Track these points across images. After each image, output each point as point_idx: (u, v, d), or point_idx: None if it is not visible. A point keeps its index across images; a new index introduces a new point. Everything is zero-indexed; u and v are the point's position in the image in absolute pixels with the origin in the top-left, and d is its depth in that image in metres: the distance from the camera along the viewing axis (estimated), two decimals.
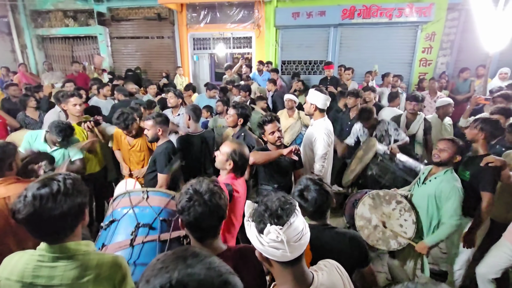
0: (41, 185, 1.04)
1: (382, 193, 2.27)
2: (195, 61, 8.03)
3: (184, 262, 0.63)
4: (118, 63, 8.34)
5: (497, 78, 5.12)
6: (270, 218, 0.92)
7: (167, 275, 0.60)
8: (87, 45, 8.38)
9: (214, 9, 7.13)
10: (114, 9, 7.79)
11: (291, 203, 0.97)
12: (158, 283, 0.59)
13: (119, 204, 1.72)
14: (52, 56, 8.59)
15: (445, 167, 2.17)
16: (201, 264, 0.63)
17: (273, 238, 0.88)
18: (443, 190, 2.09)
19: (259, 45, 7.20)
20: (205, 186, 1.19)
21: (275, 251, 0.89)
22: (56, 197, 1.02)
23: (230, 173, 1.90)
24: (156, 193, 1.76)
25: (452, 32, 6.52)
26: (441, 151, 2.16)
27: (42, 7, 8.01)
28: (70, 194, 1.05)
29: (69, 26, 8.13)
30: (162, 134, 2.53)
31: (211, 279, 0.61)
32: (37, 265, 1.05)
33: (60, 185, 1.04)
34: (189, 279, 0.59)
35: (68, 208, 1.04)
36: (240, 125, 2.74)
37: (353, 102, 3.74)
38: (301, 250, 0.94)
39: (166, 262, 0.63)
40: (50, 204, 1.01)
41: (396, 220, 2.22)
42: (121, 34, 8.07)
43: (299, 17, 6.58)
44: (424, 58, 6.63)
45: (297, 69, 7.22)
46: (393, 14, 6.22)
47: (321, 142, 2.58)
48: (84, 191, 1.12)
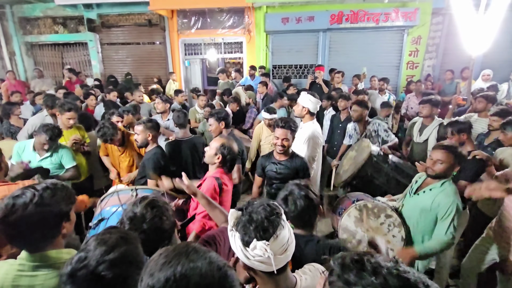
0: (18, 194, 1.05)
1: (370, 205, 2.04)
2: (187, 67, 8.05)
3: (187, 257, 0.66)
4: (109, 70, 8.30)
5: (480, 80, 5.28)
6: (255, 231, 0.88)
7: (171, 269, 0.63)
8: (77, 52, 8.33)
9: (204, 15, 7.19)
10: (104, 16, 7.79)
11: (277, 212, 0.93)
12: (163, 276, 0.63)
13: (108, 203, 1.74)
14: (41, 63, 8.50)
15: (442, 178, 1.90)
16: (202, 258, 0.67)
17: (259, 253, 0.85)
18: (440, 205, 1.84)
19: (250, 50, 7.27)
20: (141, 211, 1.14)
21: (261, 265, 0.87)
22: (27, 206, 1.02)
23: (219, 167, 1.95)
24: (145, 191, 1.77)
25: (437, 35, 6.71)
26: (436, 163, 1.87)
27: (31, 14, 7.96)
28: (45, 204, 1.04)
29: (59, 33, 8.08)
30: (152, 139, 2.52)
31: (212, 272, 0.65)
32: (17, 274, 1.03)
33: (36, 195, 1.04)
34: (192, 272, 0.63)
35: (40, 218, 1.03)
36: (224, 128, 2.75)
37: (344, 105, 3.81)
38: (287, 260, 0.93)
39: (169, 257, 0.67)
40: (20, 212, 1.01)
41: (383, 236, 2.00)
42: (111, 41, 8.06)
43: (289, 22, 6.69)
44: (411, 61, 6.79)
45: (287, 73, 7.31)
46: (380, 19, 6.38)
47: (311, 145, 2.63)
48: (65, 202, 1.11)
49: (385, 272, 0.51)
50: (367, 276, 0.52)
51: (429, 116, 3.26)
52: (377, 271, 0.52)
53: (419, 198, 1.97)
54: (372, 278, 0.51)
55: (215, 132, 2.77)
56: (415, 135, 3.38)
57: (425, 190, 1.96)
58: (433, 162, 1.89)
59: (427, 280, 0.52)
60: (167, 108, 3.68)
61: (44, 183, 1.12)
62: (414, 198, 2.01)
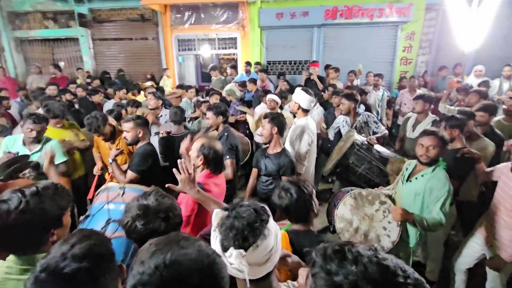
0: (4, 199, 1.02)
1: (364, 192, 2.10)
2: (181, 63, 7.97)
3: (177, 244, 0.68)
4: (102, 66, 8.17)
5: (473, 76, 5.32)
6: (234, 238, 0.84)
7: (161, 256, 0.64)
8: (68, 48, 8.18)
9: (198, 10, 7.10)
10: (95, 10, 7.64)
11: (263, 219, 0.88)
12: (153, 263, 0.63)
13: (98, 199, 1.76)
14: (31, 59, 8.32)
15: (433, 164, 1.98)
16: (193, 246, 0.68)
17: (234, 262, 0.81)
18: (433, 188, 1.93)
19: (245, 46, 7.22)
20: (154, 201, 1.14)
21: (237, 273, 0.82)
22: (10, 214, 1.00)
23: (204, 169, 1.87)
24: (132, 190, 1.76)
25: (430, 31, 6.73)
26: (429, 148, 1.94)
27: (19, 8, 7.77)
28: (31, 211, 1.02)
29: (49, 28, 7.91)
30: (142, 136, 2.47)
31: (202, 258, 0.66)
32: (4, 277, 1.01)
33: (22, 202, 1.02)
34: (182, 258, 0.64)
35: (26, 226, 1.01)
36: (221, 123, 2.73)
37: (338, 101, 3.82)
38: (267, 270, 0.88)
39: (160, 245, 0.68)
40: (3, 220, 0.99)
41: (379, 222, 2.05)
42: (103, 36, 7.92)
43: (283, 17, 6.65)
44: (405, 57, 6.82)
45: (282, 69, 7.28)
46: (374, 14, 6.38)
47: (303, 141, 2.63)
48: (55, 207, 1.08)
49: (365, 260, 0.53)
50: (348, 265, 0.53)
51: (422, 112, 3.29)
52: (357, 260, 0.53)
53: (412, 185, 2.04)
54: (353, 267, 0.52)
55: (212, 125, 2.76)
56: (408, 130, 3.41)
57: (417, 177, 2.03)
58: (425, 148, 1.95)
59: (405, 266, 0.54)
60: (160, 105, 3.64)
61: (35, 186, 1.08)
62: (407, 185, 2.08)
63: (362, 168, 2.67)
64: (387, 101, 5.36)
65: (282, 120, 2.35)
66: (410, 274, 0.52)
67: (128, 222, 1.15)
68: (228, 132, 2.73)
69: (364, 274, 0.51)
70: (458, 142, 2.42)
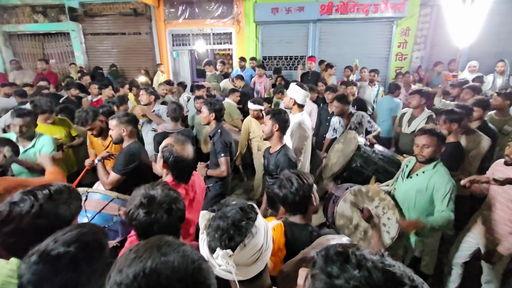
0: (16, 200, 1.00)
1: (364, 189, 2.08)
2: (175, 58, 7.86)
3: (158, 251, 0.63)
4: (94, 61, 8.02)
5: (467, 71, 5.37)
6: (220, 239, 0.82)
7: (140, 264, 0.59)
8: (59, 42, 7.99)
9: (192, 4, 6.99)
10: (87, 4, 7.47)
11: (250, 217, 0.86)
12: (131, 272, 0.58)
13: None
14: (21, 54, 8.12)
15: (432, 161, 1.97)
16: (175, 252, 0.63)
17: (221, 263, 0.79)
18: (436, 185, 1.91)
19: (240, 41, 7.15)
20: (160, 192, 1.14)
21: (226, 274, 0.80)
22: (23, 218, 0.97)
23: (168, 175, 1.63)
24: (95, 195, 1.64)
25: (425, 27, 6.75)
26: (423, 148, 1.93)
27: (7, 2, 7.54)
28: (44, 216, 1.00)
29: (39, 22, 7.71)
30: (128, 134, 2.30)
31: (185, 266, 0.61)
32: (6, 280, 0.98)
33: (34, 205, 0.99)
34: (162, 267, 0.59)
35: (38, 230, 0.98)
36: (214, 120, 2.67)
37: (332, 97, 3.80)
38: (259, 269, 0.86)
39: (140, 252, 0.63)
40: (15, 224, 0.97)
41: None
42: (95, 31, 7.76)
43: (278, 12, 6.59)
44: (400, 52, 6.83)
45: (278, 64, 7.24)
46: (369, 10, 6.37)
47: (298, 137, 2.62)
48: (68, 211, 1.07)
49: (370, 265, 0.49)
50: (351, 269, 0.50)
51: (418, 107, 3.30)
52: (361, 264, 0.50)
53: (413, 181, 2.03)
54: (356, 271, 0.49)
55: (204, 120, 2.70)
56: (404, 125, 3.41)
57: (418, 173, 2.02)
58: (420, 148, 1.95)
59: (413, 274, 0.51)
60: (152, 100, 3.57)
61: (48, 189, 1.05)
62: (408, 182, 2.07)
63: (369, 169, 2.63)
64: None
65: (284, 117, 2.27)
66: (418, 284, 0.49)
67: (131, 209, 1.14)
68: (221, 129, 2.67)
69: (367, 280, 0.48)
70: (452, 136, 2.44)
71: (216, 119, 2.66)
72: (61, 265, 0.77)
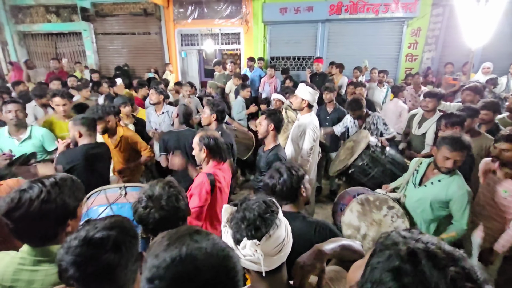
0: (25, 188, 1.03)
1: (372, 198, 2.03)
2: (183, 58, 7.93)
3: (191, 238, 0.67)
4: (104, 60, 8.16)
5: (480, 73, 5.24)
6: (247, 229, 0.85)
7: (176, 249, 0.64)
8: (71, 42, 8.16)
9: (201, 4, 7.04)
10: (98, 4, 7.60)
11: (273, 210, 0.90)
12: (168, 257, 0.63)
13: (95, 202, 1.64)
14: (35, 53, 8.32)
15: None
16: (205, 240, 0.68)
17: (249, 253, 0.82)
18: (454, 196, 1.86)
19: (248, 41, 7.16)
20: (159, 190, 1.19)
21: (252, 265, 0.83)
22: (32, 203, 1.00)
23: (210, 161, 1.89)
24: (134, 189, 1.69)
25: (437, 27, 6.63)
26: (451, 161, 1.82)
27: (22, 2, 7.74)
28: (51, 201, 1.03)
29: (52, 22, 7.89)
30: (84, 135, 2.25)
31: (216, 252, 0.66)
32: (17, 268, 1.01)
33: (43, 191, 1.03)
34: (196, 252, 0.64)
35: (47, 215, 1.02)
36: (215, 121, 2.68)
37: (330, 97, 3.79)
38: (281, 261, 0.89)
39: (172, 239, 0.67)
40: (25, 209, 1.00)
41: (387, 228, 1.96)
42: (106, 30, 7.89)
43: (287, 12, 6.57)
44: (410, 53, 6.73)
45: (285, 65, 7.22)
46: (380, 10, 6.29)
47: (307, 137, 2.61)
48: (72, 198, 1.10)
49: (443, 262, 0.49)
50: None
51: (432, 110, 3.24)
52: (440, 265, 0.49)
53: (428, 190, 1.96)
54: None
55: (205, 120, 2.72)
56: (414, 127, 3.36)
57: (433, 182, 1.95)
58: (447, 161, 1.83)
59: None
60: (161, 100, 3.59)
61: (53, 177, 1.09)
62: (422, 190, 2.00)
63: (376, 170, 2.60)
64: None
65: (279, 117, 2.32)
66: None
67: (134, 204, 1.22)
68: (222, 130, 2.68)
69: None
70: None
71: (217, 120, 2.68)
72: (105, 247, 0.82)
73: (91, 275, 0.79)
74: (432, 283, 0.47)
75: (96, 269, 0.80)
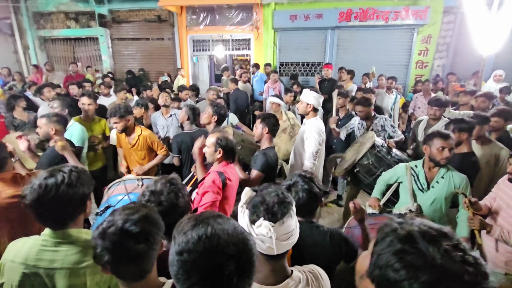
0: (48, 175, 1.13)
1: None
2: (195, 63, 8.12)
3: (215, 220, 0.76)
4: (119, 65, 8.45)
5: (492, 80, 5.17)
6: (264, 212, 0.95)
7: (202, 228, 0.72)
8: (88, 46, 8.50)
9: (213, 11, 7.23)
10: (115, 11, 7.91)
11: (289, 202, 0.99)
12: (195, 234, 0.72)
13: (115, 191, 1.81)
14: (54, 57, 8.71)
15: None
16: (227, 223, 0.76)
17: (263, 232, 0.92)
18: (460, 186, 2.00)
19: (258, 47, 7.29)
20: (160, 186, 1.28)
21: (261, 244, 0.93)
22: (59, 187, 1.10)
23: (222, 161, 1.95)
24: (150, 181, 1.82)
25: (448, 34, 6.59)
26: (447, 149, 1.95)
27: (44, 9, 8.15)
28: (73, 185, 1.14)
29: (71, 28, 8.27)
30: (56, 134, 2.39)
31: (237, 234, 0.75)
32: (40, 249, 1.11)
33: (65, 177, 1.13)
34: (221, 232, 0.73)
35: (70, 197, 1.12)
36: (214, 122, 2.78)
37: (343, 102, 3.82)
38: (287, 248, 0.98)
39: (198, 220, 0.76)
40: (53, 192, 1.09)
41: None
42: (121, 36, 8.19)
43: (297, 19, 6.67)
44: (421, 60, 6.69)
45: (294, 70, 7.30)
46: (389, 17, 6.31)
47: (313, 141, 2.65)
48: (87, 184, 1.20)
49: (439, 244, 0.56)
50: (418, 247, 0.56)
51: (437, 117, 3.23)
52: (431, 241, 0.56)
53: (436, 190, 2.05)
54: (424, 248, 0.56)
55: (205, 119, 2.82)
56: (420, 134, 3.35)
57: (438, 180, 2.05)
58: (444, 151, 1.96)
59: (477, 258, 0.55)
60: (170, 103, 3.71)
61: (67, 166, 1.20)
62: (432, 192, 2.07)
63: (381, 170, 2.59)
64: (403, 104, 5.29)
65: (273, 121, 2.39)
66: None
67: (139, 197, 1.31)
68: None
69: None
70: (465, 146, 2.38)
71: (217, 122, 2.79)
72: (137, 239, 0.90)
73: (122, 260, 0.88)
74: (429, 257, 0.54)
75: (127, 256, 0.89)
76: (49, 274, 1.09)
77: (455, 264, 0.53)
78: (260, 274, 0.98)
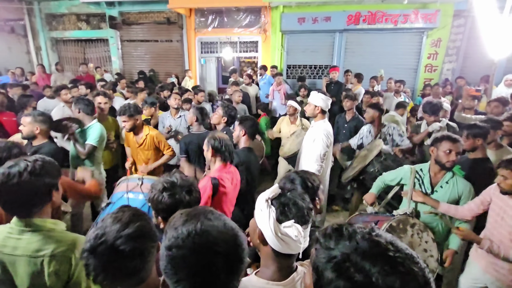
0: (13, 164, 1.15)
1: (394, 223, 1.97)
2: (203, 65, 8.19)
3: (205, 217, 0.76)
4: (128, 66, 8.57)
5: (503, 85, 5.09)
6: (297, 216, 0.98)
7: (192, 224, 0.73)
8: (98, 48, 8.65)
9: (221, 14, 7.30)
10: (125, 13, 8.04)
11: (311, 209, 1.05)
12: (185, 230, 0.73)
13: (119, 189, 1.90)
14: (65, 57, 8.89)
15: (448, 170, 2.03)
16: (217, 220, 0.77)
17: (291, 234, 0.94)
18: (464, 192, 2.00)
19: (265, 50, 7.32)
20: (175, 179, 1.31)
21: (281, 243, 0.95)
22: (22, 174, 1.12)
23: (217, 161, 1.95)
24: (150, 180, 1.88)
25: (458, 38, 6.52)
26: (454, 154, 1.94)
27: (56, 10, 8.34)
28: (37, 173, 1.14)
29: (82, 29, 8.43)
30: (41, 133, 2.40)
31: (227, 230, 0.75)
32: (6, 236, 1.16)
33: (29, 165, 1.14)
34: (211, 228, 0.74)
35: (33, 185, 1.14)
36: (224, 123, 2.84)
37: (350, 105, 3.81)
38: (298, 251, 1.00)
39: (190, 216, 0.77)
40: (16, 179, 1.11)
41: (418, 247, 1.94)
42: (131, 37, 8.31)
43: (305, 22, 6.68)
44: (430, 64, 6.63)
45: (302, 73, 7.30)
46: (399, 20, 6.27)
47: (320, 143, 2.64)
48: (52, 174, 1.21)
49: (358, 237, 0.59)
50: (343, 241, 0.60)
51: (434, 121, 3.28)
52: (352, 237, 0.60)
53: (440, 195, 2.06)
54: (347, 242, 0.59)
55: (215, 119, 2.88)
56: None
57: (442, 185, 2.05)
58: (450, 154, 1.95)
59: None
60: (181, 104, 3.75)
61: (31, 156, 1.22)
62: (434, 196, 2.08)
63: None
64: (412, 108, 5.24)
65: (251, 123, 2.43)
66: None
67: (155, 195, 1.29)
68: (228, 131, 2.79)
69: (355, 248, 0.57)
70: (480, 152, 2.34)
71: (226, 123, 2.86)
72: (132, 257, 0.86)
73: (117, 277, 0.86)
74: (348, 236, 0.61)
75: (121, 273, 0.86)
76: (11, 261, 1.13)
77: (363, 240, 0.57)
78: (268, 271, 1.01)
